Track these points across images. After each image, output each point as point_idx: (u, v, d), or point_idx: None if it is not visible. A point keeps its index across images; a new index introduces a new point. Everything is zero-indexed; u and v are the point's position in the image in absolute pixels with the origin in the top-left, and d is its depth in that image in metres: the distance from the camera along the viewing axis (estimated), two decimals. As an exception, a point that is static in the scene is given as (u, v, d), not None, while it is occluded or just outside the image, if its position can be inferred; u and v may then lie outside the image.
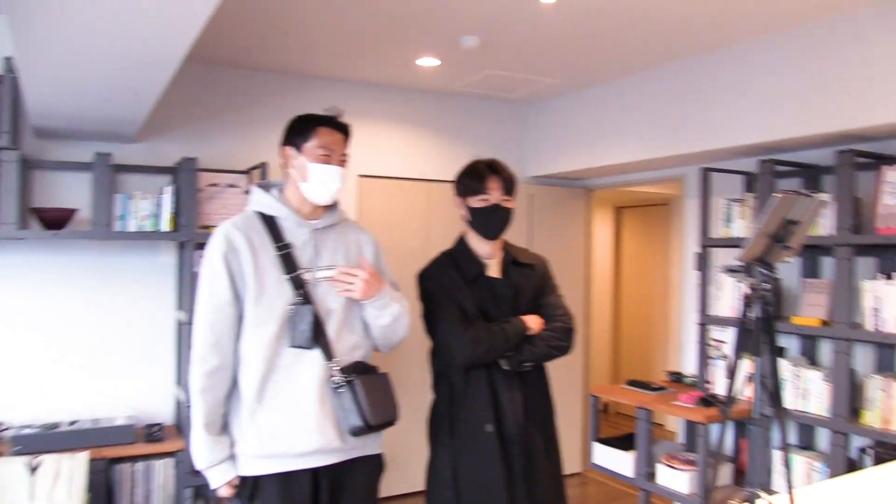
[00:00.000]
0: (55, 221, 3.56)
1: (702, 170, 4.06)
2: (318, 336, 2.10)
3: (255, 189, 2.25)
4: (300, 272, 2.12)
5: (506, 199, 2.52)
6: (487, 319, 2.45)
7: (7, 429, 3.48)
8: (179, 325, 3.91)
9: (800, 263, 3.79)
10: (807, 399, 3.48)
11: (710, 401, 3.64)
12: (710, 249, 4.07)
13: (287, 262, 2.12)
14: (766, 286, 1.82)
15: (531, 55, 4.04)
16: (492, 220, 2.51)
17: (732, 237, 3.91)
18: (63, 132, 3.66)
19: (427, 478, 2.54)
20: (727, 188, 4.09)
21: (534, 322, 2.50)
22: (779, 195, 1.86)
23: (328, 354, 2.11)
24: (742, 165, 4.07)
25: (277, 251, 2.12)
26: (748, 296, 1.81)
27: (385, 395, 2.18)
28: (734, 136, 3.78)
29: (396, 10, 3.30)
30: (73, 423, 3.54)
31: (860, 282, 3.30)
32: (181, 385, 3.77)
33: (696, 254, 4.12)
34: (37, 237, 3.51)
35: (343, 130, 2.24)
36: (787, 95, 3.51)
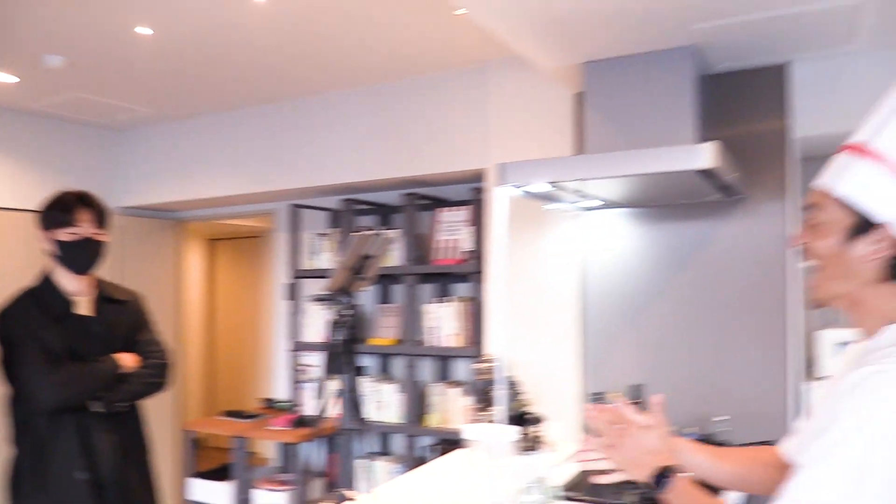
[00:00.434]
0: None
1: (291, 206, 4.36)
2: None
3: None
4: None
5: (98, 233, 2.43)
6: (78, 359, 2.33)
7: None
8: None
9: (376, 291, 4.31)
10: (383, 410, 3.97)
11: (302, 421, 3.91)
12: (300, 280, 4.38)
13: None
14: (349, 312, 2.11)
15: (124, 82, 3.91)
16: (83, 255, 2.40)
17: (319, 269, 4.27)
18: None
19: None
20: (314, 223, 4.45)
21: (128, 360, 2.45)
22: (356, 235, 2.17)
23: None
24: (327, 203, 4.47)
25: None
26: (334, 322, 2.07)
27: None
28: (320, 177, 4.16)
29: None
30: None
31: (423, 305, 3.90)
32: None
33: (287, 284, 4.40)
34: None
35: None
36: (366, 143, 4.01)
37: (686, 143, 2.38)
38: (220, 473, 4.11)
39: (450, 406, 3.77)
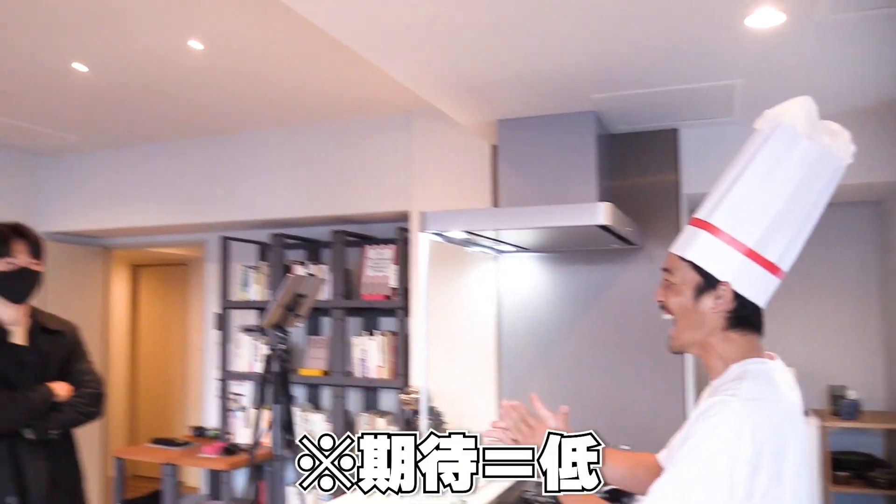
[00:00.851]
0: None
1: (221, 238, 4.49)
2: None
3: None
4: None
5: (34, 262, 2.52)
6: (12, 388, 2.42)
7: None
8: None
9: (306, 323, 4.46)
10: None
11: (232, 449, 4.02)
12: (230, 310, 4.49)
13: None
14: (283, 346, 2.29)
15: (55, 111, 3.97)
16: (19, 284, 2.48)
17: (249, 300, 4.40)
18: None
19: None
20: (244, 255, 4.58)
21: (62, 389, 2.54)
22: (291, 275, 2.37)
23: None
24: (258, 236, 4.61)
25: None
26: (268, 355, 2.25)
27: None
28: (251, 211, 4.31)
29: None
30: None
31: (351, 338, 4.08)
32: None
33: (216, 314, 4.51)
34: None
35: None
36: (296, 180, 4.18)
37: (589, 197, 2.68)
38: (150, 501, 4.15)
39: (374, 434, 3.94)
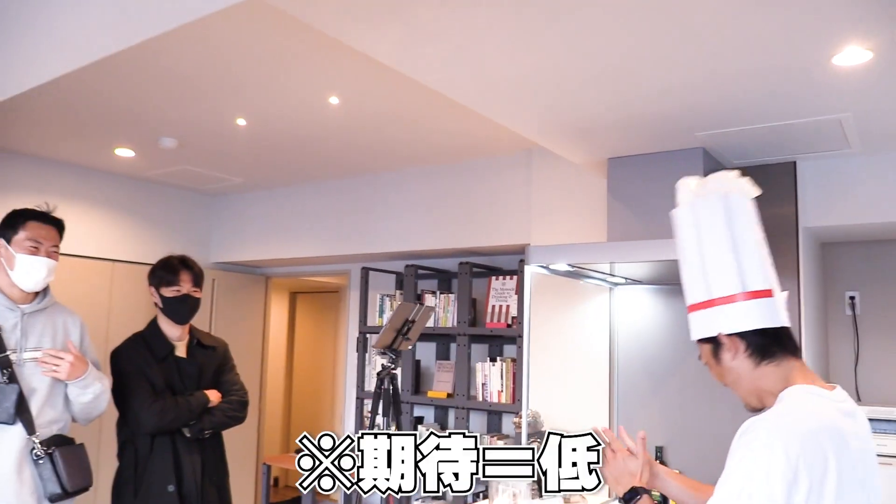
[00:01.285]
0: None
1: (362, 268, 4.87)
2: (22, 412, 2.32)
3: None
4: (7, 353, 2.35)
5: (195, 290, 2.96)
6: (174, 393, 2.84)
7: None
8: None
9: (434, 348, 4.73)
10: (436, 457, 4.33)
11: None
12: (367, 334, 4.85)
13: None
14: (391, 366, 2.54)
15: (223, 158, 4.56)
16: (183, 308, 2.93)
17: (385, 325, 4.72)
18: None
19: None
20: (383, 284, 4.94)
21: (214, 396, 2.94)
22: (403, 303, 2.62)
23: (29, 428, 2.34)
24: (394, 267, 4.96)
25: None
26: (379, 373, 2.50)
27: (81, 464, 2.45)
28: (387, 244, 4.67)
29: (97, 107, 3.62)
30: None
31: (475, 363, 4.29)
32: None
33: (356, 337, 4.87)
34: None
35: (55, 224, 2.54)
36: (427, 215, 4.50)
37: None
38: (291, 507, 4.53)
39: (495, 457, 4.11)
